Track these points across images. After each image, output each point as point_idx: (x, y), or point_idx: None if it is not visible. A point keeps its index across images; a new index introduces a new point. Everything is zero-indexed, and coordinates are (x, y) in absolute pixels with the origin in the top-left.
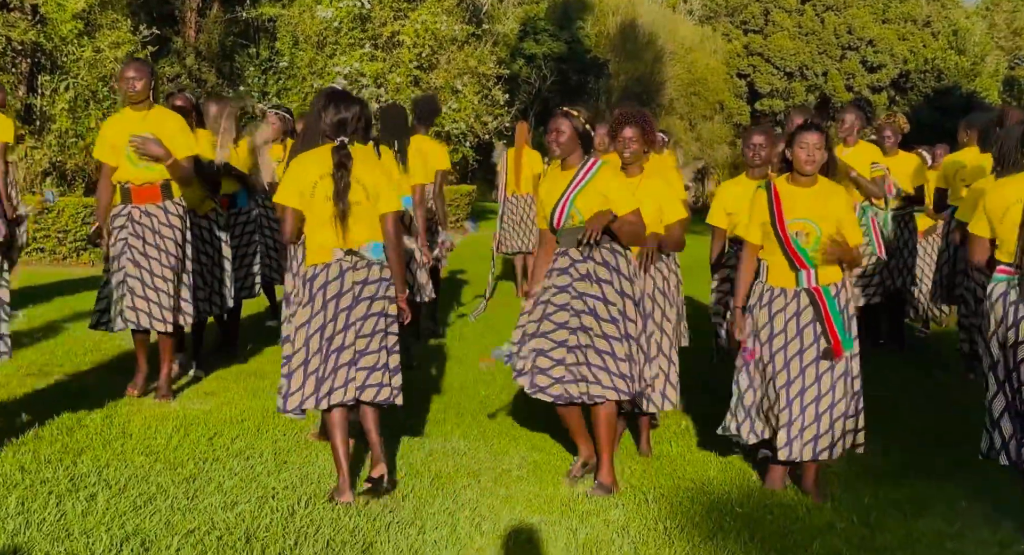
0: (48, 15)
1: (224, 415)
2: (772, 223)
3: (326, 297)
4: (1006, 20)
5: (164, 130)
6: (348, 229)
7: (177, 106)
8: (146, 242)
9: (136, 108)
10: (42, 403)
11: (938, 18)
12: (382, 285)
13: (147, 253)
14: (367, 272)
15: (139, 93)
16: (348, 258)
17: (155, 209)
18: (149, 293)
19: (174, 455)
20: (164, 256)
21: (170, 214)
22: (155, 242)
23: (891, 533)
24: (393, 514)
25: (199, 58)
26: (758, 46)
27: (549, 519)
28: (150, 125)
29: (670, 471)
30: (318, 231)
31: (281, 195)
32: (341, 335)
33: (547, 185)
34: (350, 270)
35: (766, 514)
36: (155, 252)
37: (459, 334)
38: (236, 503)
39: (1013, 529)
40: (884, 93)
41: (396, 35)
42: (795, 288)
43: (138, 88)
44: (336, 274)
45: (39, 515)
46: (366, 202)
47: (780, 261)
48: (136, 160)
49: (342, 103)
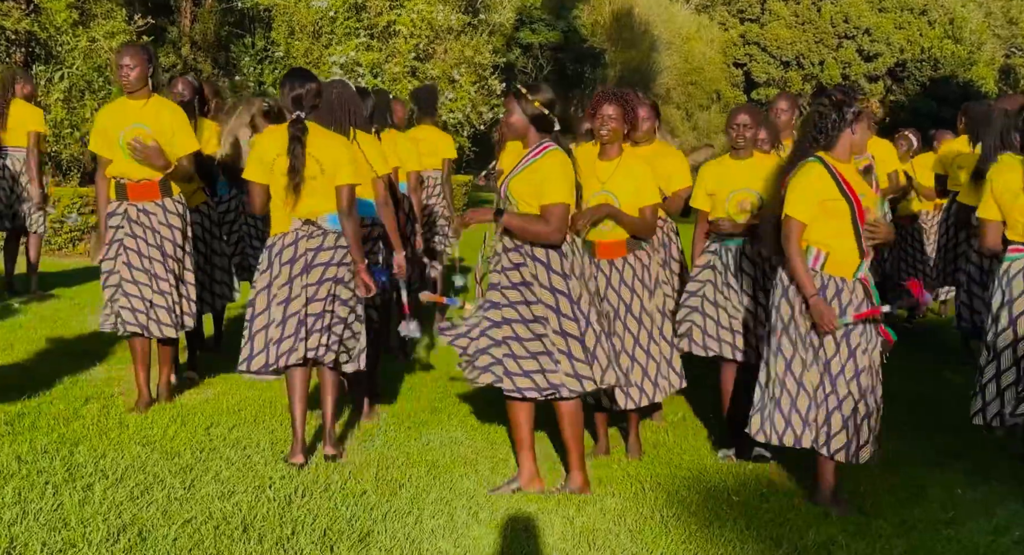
0: (42, 4)
1: (221, 405)
2: (847, 201)
3: (281, 262)
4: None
5: (162, 124)
6: (300, 200)
7: (178, 92)
8: (145, 242)
9: (133, 98)
10: (38, 392)
11: (934, 7)
12: (337, 252)
13: (146, 254)
14: (322, 239)
15: (134, 83)
16: (304, 227)
17: (153, 207)
18: (152, 298)
19: (171, 445)
20: (164, 258)
21: (169, 212)
22: (155, 242)
23: (887, 520)
24: (390, 503)
25: (194, 48)
26: (754, 35)
27: (546, 508)
28: (147, 117)
29: (667, 460)
30: (279, 204)
31: (248, 171)
32: (296, 300)
33: (505, 162)
34: (304, 238)
35: (762, 502)
36: (155, 253)
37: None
38: (233, 493)
39: (1009, 515)
40: (881, 82)
41: (392, 25)
42: (853, 278)
43: (132, 77)
44: (291, 241)
45: (36, 505)
46: (321, 176)
47: (845, 245)
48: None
49: (296, 80)
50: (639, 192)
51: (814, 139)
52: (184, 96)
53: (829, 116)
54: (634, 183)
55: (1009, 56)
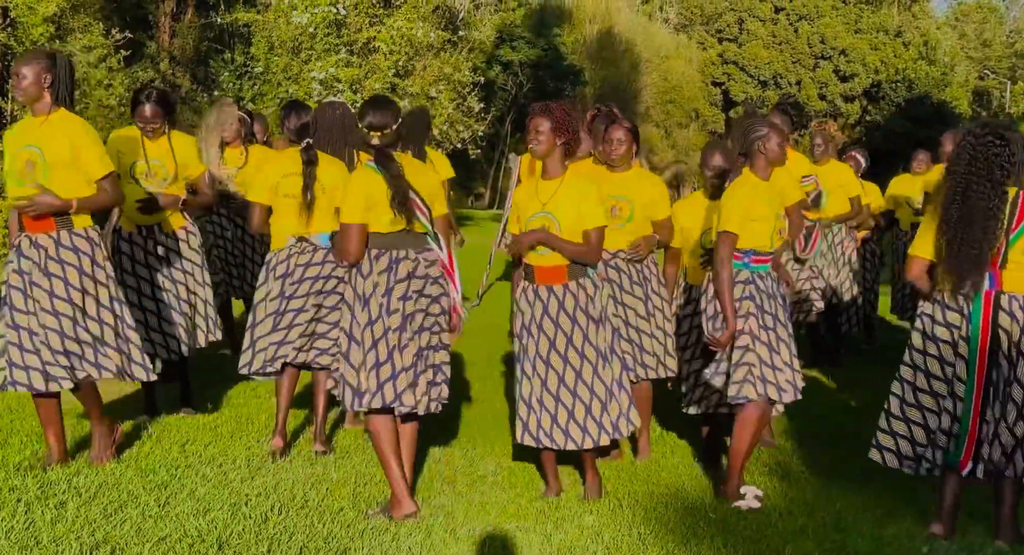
0: (19, 19)
1: (197, 422)
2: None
3: (275, 276)
4: (975, 31)
5: (59, 146)
6: (311, 219)
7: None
8: (31, 281)
9: (35, 114)
10: (9, 410)
11: (909, 29)
12: (325, 267)
13: (31, 294)
14: (311, 256)
15: (28, 95)
16: (298, 245)
17: (46, 240)
18: (34, 345)
19: (146, 462)
20: (52, 299)
21: (63, 247)
22: (43, 281)
23: (862, 537)
24: (368, 520)
25: (173, 63)
26: (733, 54)
27: (524, 525)
28: (43, 138)
29: (644, 477)
30: (278, 222)
31: (253, 193)
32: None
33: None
34: (296, 254)
35: (740, 519)
36: (41, 293)
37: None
38: (208, 510)
39: (983, 532)
40: (857, 102)
41: (372, 41)
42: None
43: (24, 87)
44: (284, 257)
45: (7, 523)
46: (322, 196)
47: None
48: (22, 179)
49: (302, 111)
50: (582, 214)
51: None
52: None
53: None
54: (577, 205)
55: (983, 78)
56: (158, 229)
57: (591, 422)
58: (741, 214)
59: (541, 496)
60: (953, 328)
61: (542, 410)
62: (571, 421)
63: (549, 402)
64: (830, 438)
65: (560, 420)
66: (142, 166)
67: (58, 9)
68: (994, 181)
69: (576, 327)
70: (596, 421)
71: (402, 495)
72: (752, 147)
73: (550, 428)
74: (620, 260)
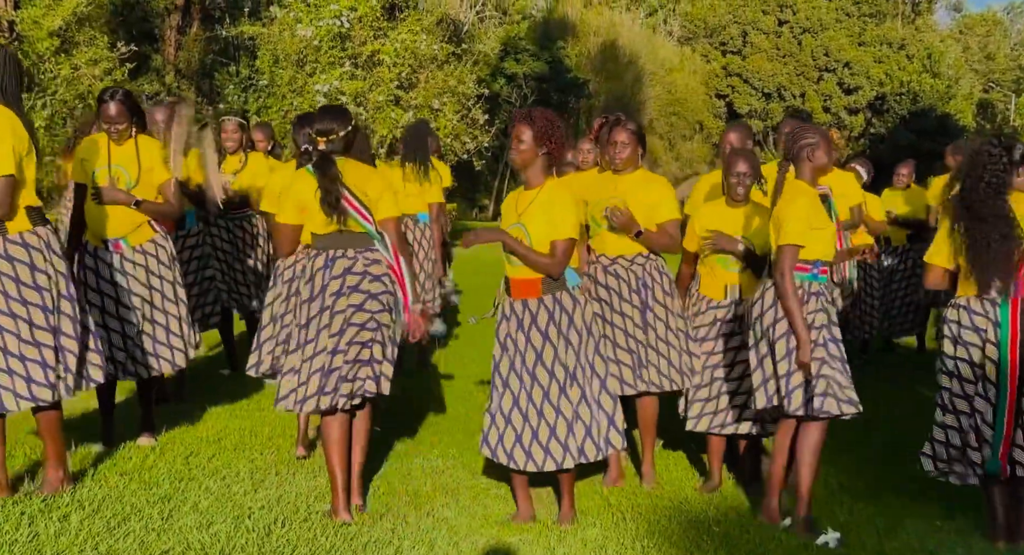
0: (24, 32)
1: (200, 434)
2: None
3: (282, 281)
4: (979, 44)
5: None
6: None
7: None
8: None
9: None
10: (12, 423)
11: (913, 41)
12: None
13: None
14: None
15: None
16: (305, 250)
17: None
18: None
19: (149, 475)
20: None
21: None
22: None
23: (866, 551)
24: (370, 533)
25: (178, 76)
26: (736, 67)
27: (527, 538)
28: None
29: (647, 490)
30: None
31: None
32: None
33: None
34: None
35: (743, 533)
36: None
37: (439, 354)
38: (212, 523)
39: (986, 547)
40: (861, 115)
41: (376, 54)
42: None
43: None
44: (290, 263)
45: (11, 536)
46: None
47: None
48: None
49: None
50: (552, 224)
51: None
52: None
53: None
54: (548, 215)
55: (987, 91)
56: (125, 243)
57: (555, 443)
58: (806, 224)
59: (511, 518)
60: (980, 331)
61: (507, 426)
62: (534, 441)
63: (516, 419)
64: (832, 452)
65: (524, 439)
66: (103, 173)
67: (64, 23)
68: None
69: (548, 343)
70: (561, 443)
71: (339, 507)
72: (800, 153)
73: (511, 446)
74: (620, 266)
